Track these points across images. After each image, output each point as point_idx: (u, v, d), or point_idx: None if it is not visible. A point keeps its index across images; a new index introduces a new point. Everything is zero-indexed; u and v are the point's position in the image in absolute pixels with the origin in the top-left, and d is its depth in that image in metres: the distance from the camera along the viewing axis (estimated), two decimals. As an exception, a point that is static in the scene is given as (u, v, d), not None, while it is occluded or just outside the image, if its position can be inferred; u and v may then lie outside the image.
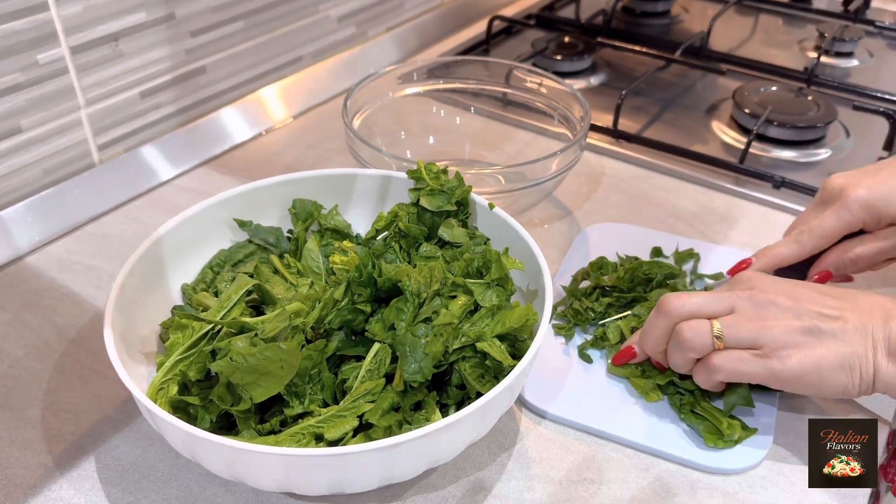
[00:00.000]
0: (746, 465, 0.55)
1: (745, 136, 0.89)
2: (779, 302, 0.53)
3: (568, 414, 0.58)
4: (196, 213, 0.61)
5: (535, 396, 0.59)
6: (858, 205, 0.60)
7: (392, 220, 0.63)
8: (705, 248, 0.73)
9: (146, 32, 0.80)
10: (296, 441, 0.48)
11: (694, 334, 0.54)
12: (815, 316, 0.52)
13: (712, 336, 0.53)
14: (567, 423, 0.58)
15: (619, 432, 0.56)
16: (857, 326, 0.52)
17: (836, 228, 0.62)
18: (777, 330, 0.52)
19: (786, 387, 0.53)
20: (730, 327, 0.53)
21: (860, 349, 0.51)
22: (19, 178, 0.75)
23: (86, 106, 0.78)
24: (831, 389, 0.52)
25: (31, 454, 0.55)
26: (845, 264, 0.62)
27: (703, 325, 0.54)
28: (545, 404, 0.58)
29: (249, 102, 0.93)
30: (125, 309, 0.54)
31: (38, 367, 0.61)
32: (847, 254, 0.62)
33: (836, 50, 1.10)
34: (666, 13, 1.23)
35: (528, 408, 0.59)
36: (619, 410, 0.58)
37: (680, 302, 0.55)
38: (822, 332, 0.52)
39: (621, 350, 0.60)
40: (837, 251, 0.63)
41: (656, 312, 0.56)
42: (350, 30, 1.04)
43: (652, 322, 0.57)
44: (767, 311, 0.53)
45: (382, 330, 0.53)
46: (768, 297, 0.54)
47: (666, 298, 0.56)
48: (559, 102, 0.85)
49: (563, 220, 0.79)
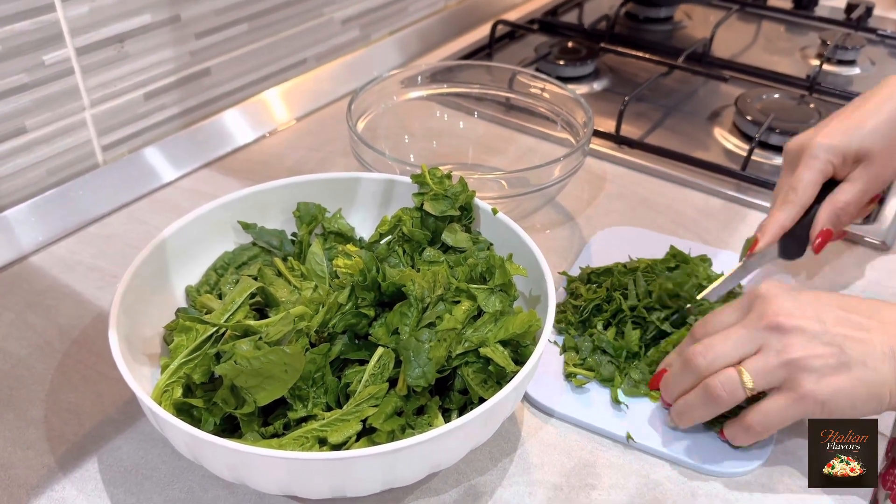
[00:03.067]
0: (748, 468, 0.55)
1: (748, 143, 0.90)
2: (805, 327, 0.52)
3: (575, 413, 0.58)
4: (200, 216, 0.62)
5: (542, 395, 0.60)
6: (823, 150, 0.64)
7: (396, 225, 0.63)
8: (711, 252, 0.73)
9: (151, 34, 0.80)
10: (299, 445, 0.48)
11: (725, 390, 0.52)
12: (843, 340, 0.51)
13: (744, 390, 0.52)
14: (574, 421, 0.58)
15: (623, 433, 0.57)
16: (884, 351, 0.51)
17: (813, 179, 0.65)
18: (807, 363, 0.51)
19: (815, 415, 0.52)
20: (758, 372, 0.52)
21: (889, 377, 0.50)
22: (23, 178, 0.75)
23: (90, 107, 0.78)
24: (861, 414, 0.52)
25: (34, 454, 0.55)
26: (838, 215, 0.65)
27: (733, 380, 0.52)
28: (552, 403, 0.59)
29: (253, 104, 0.94)
30: (129, 310, 0.54)
31: (40, 367, 0.62)
32: (836, 205, 0.65)
33: (839, 58, 1.10)
34: (669, 19, 1.23)
35: (535, 406, 0.60)
36: (625, 412, 0.59)
37: (707, 361, 0.53)
38: (850, 360, 0.50)
39: (655, 375, 0.59)
40: (827, 206, 0.65)
41: (683, 367, 0.55)
42: (353, 33, 1.04)
43: (679, 377, 0.56)
44: (795, 341, 0.51)
45: (386, 334, 0.53)
46: (794, 324, 0.52)
47: (693, 356, 0.54)
48: (562, 107, 0.85)
49: (565, 225, 0.79)
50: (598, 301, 0.65)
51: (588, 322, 0.64)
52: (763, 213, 0.81)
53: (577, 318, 0.65)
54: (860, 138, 0.64)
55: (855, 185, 0.65)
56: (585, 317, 0.65)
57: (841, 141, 0.64)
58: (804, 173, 0.65)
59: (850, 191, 0.65)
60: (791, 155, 0.67)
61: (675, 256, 0.70)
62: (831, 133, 0.65)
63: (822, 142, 0.64)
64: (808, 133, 0.67)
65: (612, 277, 0.67)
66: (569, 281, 0.69)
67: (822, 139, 0.64)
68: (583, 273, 0.69)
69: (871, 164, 0.64)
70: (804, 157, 0.65)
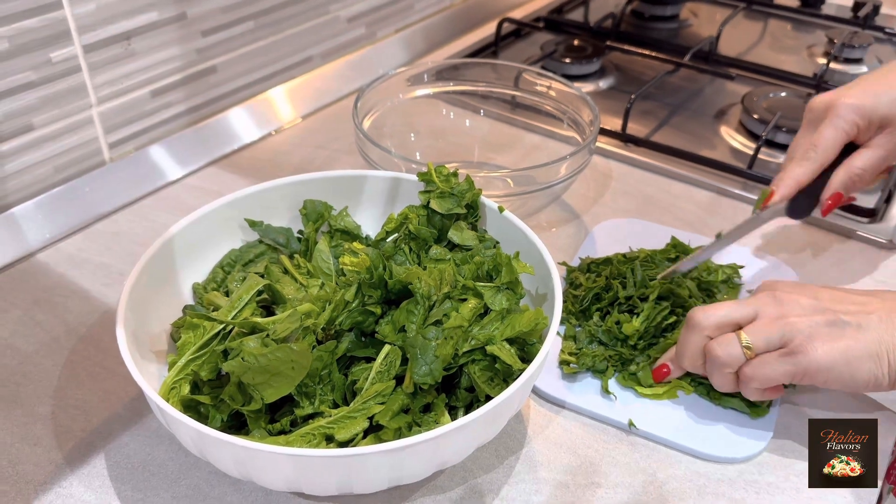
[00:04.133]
0: (751, 452, 0.56)
1: (754, 142, 0.90)
2: (801, 301, 0.55)
3: (586, 404, 0.59)
4: (207, 213, 0.62)
5: (542, 382, 0.60)
6: (850, 111, 0.63)
7: (402, 222, 0.63)
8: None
9: (158, 32, 0.80)
10: (306, 441, 0.48)
11: (723, 350, 0.54)
12: (838, 308, 0.54)
13: (741, 347, 0.54)
14: (586, 412, 0.59)
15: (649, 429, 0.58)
16: (881, 316, 0.53)
17: (837, 138, 0.63)
18: (801, 323, 0.53)
19: (816, 381, 0.53)
20: (755, 333, 0.54)
21: (886, 336, 0.52)
22: (31, 175, 0.75)
23: (97, 104, 0.78)
24: (863, 381, 0.52)
25: (42, 450, 0.55)
26: (853, 180, 0.64)
27: (730, 339, 0.55)
28: (546, 387, 0.60)
29: (259, 102, 0.94)
30: (137, 307, 0.54)
31: (48, 363, 0.62)
32: (852, 170, 0.63)
33: (846, 56, 1.10)
34: (675, 17, 1.23)
35: (546, 399, 0.60)
36: (633, 402, 0.60)
37: (705, 315, 0.56)
38: (846, 323, 0.53)
39: (655, 368, 0.60)
40: (842, 170, 0.64)
41: (686, 329, 0.57)
42: (359, 31, 1.04)
43: (683, 339, 0.57)
44: (790, 308, 0.54)
45: (393, 332, 0.53)
46: (791, 296, 0.55)
47: (692, 313, 0.57)
48: (568, 106, 0.85)
49: (571, 223, 0.79)
50: (596, 290, 0.65)
51: (587, 311, 0.65)
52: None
53: (577, 307, 0.65)
54: (888, 103, 0.62)
55: (874, 152, 0.63)
56: (585, 306, 0.65)
57: (869, 103, 0.62)
58: (828, 131, 0.63)
59: (869, 157, 0.63)
60: (815, 112, 0.65)
61: (676, 247, 0.71)
62: (860, 94, 0.63)
63: (850, 102, 0.63)
64: (834, 92, 0.65)
65: (610, 266, 0.67)
66: (569, 271, 0.70)
67: (849, 99, 0.63)
68: (583, 263, 0.70)
69: (894, 132, 0.63)
70: (829, 116, 0.63)
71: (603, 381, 0.60)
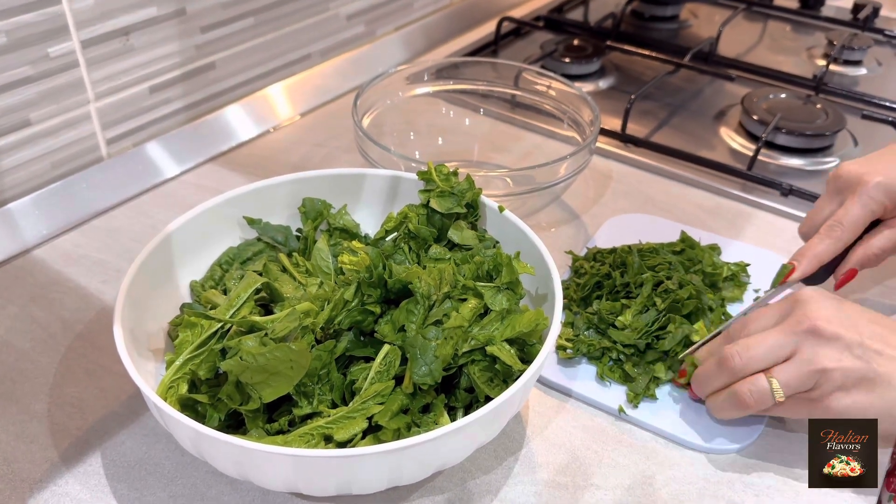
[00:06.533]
0: (742, 444, 0.57)
1: (754, 143, 0.89)
2: (841, 335, 0.52)
3: (591, 393, 0.60)
4: (205, 210, 0.61)
5: (559, 376, 0.61)
6: (880, 191, 0.61)
7: (402, 221, 0.63)
8: (728, 244, 0.74)
9: (157, 27, 0.80)
10: (305, 441, 0.48)
11: (753, 398, 0.53)
12: (873, 356, 0.51)
13: (772, 393, 0.53)
14: (591, 402, 0.60)
15: (639, 416, 0.59)
16: None
17: (864, 217, 0.62)
18: (835, 375, 0.51)
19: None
20: (789, 381, 0.52)
21: None
22: (27, 171, 0.75)
23: (95, 100, 0.77)
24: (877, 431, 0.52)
25: (37, 448, 0.55)
26: (869, 259, 0.63)
27: (762, 388, 0.53)
28: (569, 383, 0.60)
29: (257, 99, 0.93)
30: (134, 305, 0.54)
31: (44, 360, 0.61)
32: (870, 250, 0.63)
33: (845, 58, 1.10)
34: (675, 18, 1.23)
35: (553, 388, 0.61)
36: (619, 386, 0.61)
37: (743, 363, 0.54)
38: (876, 376, 0.51)
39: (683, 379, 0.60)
40: (861, 248, 0.63)
41: (718, 366, 0.55)
42: (359, 28, 1.04)
43: (713, 374, 0.56)
44: (827, 352, 0.52)
45: (392, 331, 0.53)
46: (831, 330, 0.52)
47: (730, 356, 0.54)
48: (568, 105, 0.85)
49: (571, 223, 0.79)
50: (598, 278, 0.66)
51: (588, 299, 0.66)
52: (768, 213, 0.81)
53: (579, 294, 0.66)
54: None
55: (894, 233, 0.62)
56: (586, 293, 0.66)
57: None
58: (855, 209, 0.62)
59: (889, 237, 0.62)
60: (841, 182, 0.64)
61: (684, 241, 0.71)
62: (890, 175, 0.61)
63: (880, 182, 0.61)
64: (861, 165, 0.63)
65: (614, 255, 0.68)
66: (574, 260, 0.71)
67: (879, 178, 0.61)
68: (589, 253, 0.71)
69: None
70: (859, 192, 0.62)
71: (598, 368, 0.61)
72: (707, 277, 0.67)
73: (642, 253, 0.68)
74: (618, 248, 0.70)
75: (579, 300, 0.66)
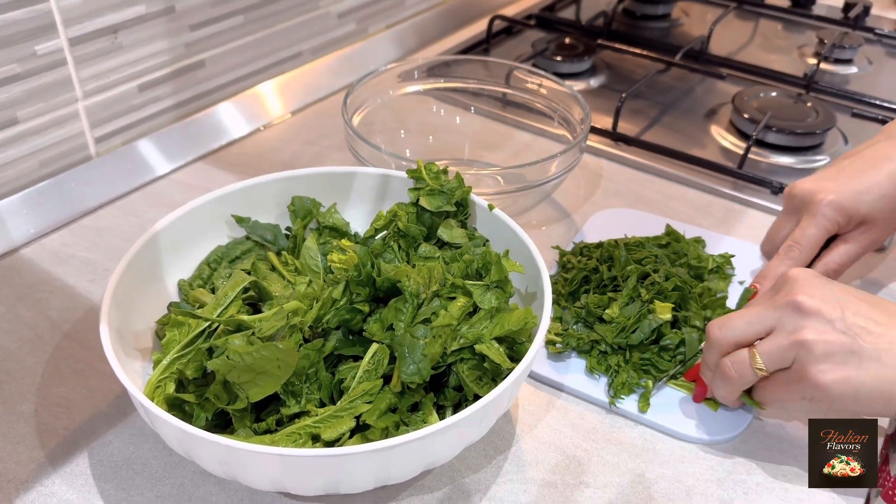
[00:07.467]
0: (729, 435, 0.57)
1: (744, 142, 0.89)
2: (823, 310, 0.51)
3: (581, 387, 0.60)
4: (194, 209, 0.61)
5: (549, 371, 0.61)
6: (831, 209, 0.63)
7: (391, 220, 0.63)
8: (712, 238, 0.75)
9: (146, 25, 0.79)
10: (292, 441, 0.47)
11: (736, 371, 0.54)
12: (859, 331, 0.50)
13: (753, 369, 0.53)
14: (583, 396, 0.60)
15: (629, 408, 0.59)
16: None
17: (819, 237, 0.64)
18: (817, 347, 0.50)
19: (822, 405, 0.51)
20: (769, 353, 0.52)
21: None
22: (15, 169, 0.74)
23: (83, 98, 0.77)
24: (868, 413, 0.51)
25: (24, 449, 0.55)
26: (828, 275, 0.64)
27: (743, 360, 0.53)
28: (559, 377, 0.61)
29: (248, 97, 0.93)
30: (121, 304, 0.53)
31: (31, 360, 0.61)
32: (829, 265, 0.64)
33: (836, 57, 1.10)
34: (666, 16, 1.23)
35: (543, 382, 0.61)
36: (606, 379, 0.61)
37: (723, 333, 0.55)
38: (862, 351, 0.50)
39: (696, 392, 0.60)
40: (820, 266, 0.65)
41: (707, 344, 0.57)
42: (350, 26, 1.04)
43: (705, 354, 0.57)
44: (809, 324, 0.51)
45: (381, 330, 0.53)
46: (812, 304, 0.51)
47: (710, 328, 0.56)
48: (559, 104, 0.85)
49: (561, 222, 0.78)
50: (586, 272, 0.66)
51: (576, 293, 0.66)
52: (758, 211, 0.81)
53: (567, 289, 0.66)
54: (869, 203, 0.62)
55: (851, 248, 0.64)
56: (574, 288, 0.66)
57: (851, 203, 0.62)
58: (810, 230, 0.63)
59: (846, 252, 0.64)
60: (796, 201, 0.65)
61: (670, 235, 0.72)
62: (841, 192, 0.63)
63: (832, 200, 0.63)
64: (814, 182, 0.65)
65: (601, 249, 0.68)
66: (561, 255, 0.71)
67: (831, 196, 0.63)
68: (576, 247, 0.71)
69: (871, 229, 0.64)
70: (811, 212, 0.63)
71: (588, 361, 0.61)
72: (692, 270, 0.68)
73: (629, 247, 0.68)
74: (604, 242, 0.70)
75: (567, 295, 0.66)
